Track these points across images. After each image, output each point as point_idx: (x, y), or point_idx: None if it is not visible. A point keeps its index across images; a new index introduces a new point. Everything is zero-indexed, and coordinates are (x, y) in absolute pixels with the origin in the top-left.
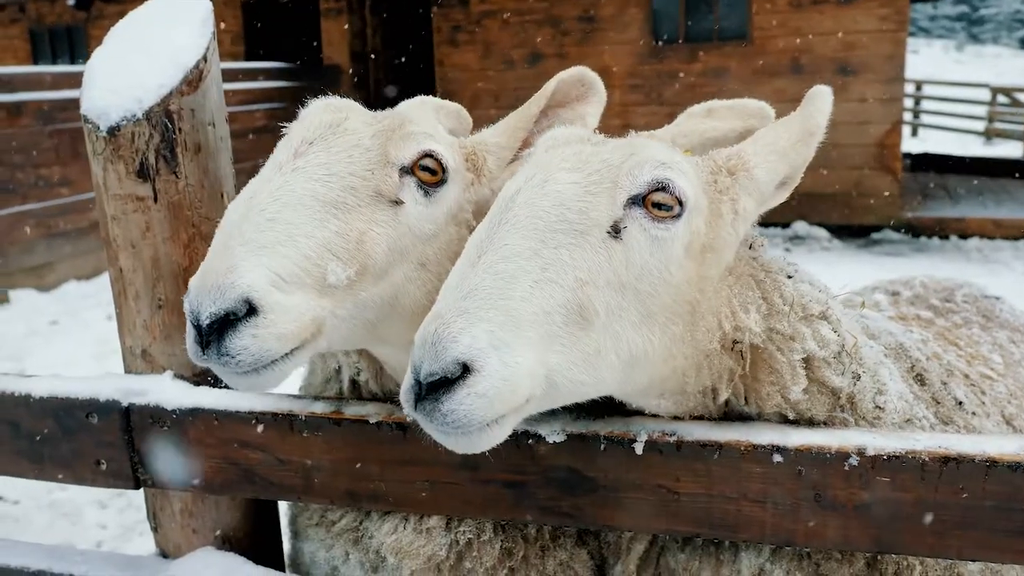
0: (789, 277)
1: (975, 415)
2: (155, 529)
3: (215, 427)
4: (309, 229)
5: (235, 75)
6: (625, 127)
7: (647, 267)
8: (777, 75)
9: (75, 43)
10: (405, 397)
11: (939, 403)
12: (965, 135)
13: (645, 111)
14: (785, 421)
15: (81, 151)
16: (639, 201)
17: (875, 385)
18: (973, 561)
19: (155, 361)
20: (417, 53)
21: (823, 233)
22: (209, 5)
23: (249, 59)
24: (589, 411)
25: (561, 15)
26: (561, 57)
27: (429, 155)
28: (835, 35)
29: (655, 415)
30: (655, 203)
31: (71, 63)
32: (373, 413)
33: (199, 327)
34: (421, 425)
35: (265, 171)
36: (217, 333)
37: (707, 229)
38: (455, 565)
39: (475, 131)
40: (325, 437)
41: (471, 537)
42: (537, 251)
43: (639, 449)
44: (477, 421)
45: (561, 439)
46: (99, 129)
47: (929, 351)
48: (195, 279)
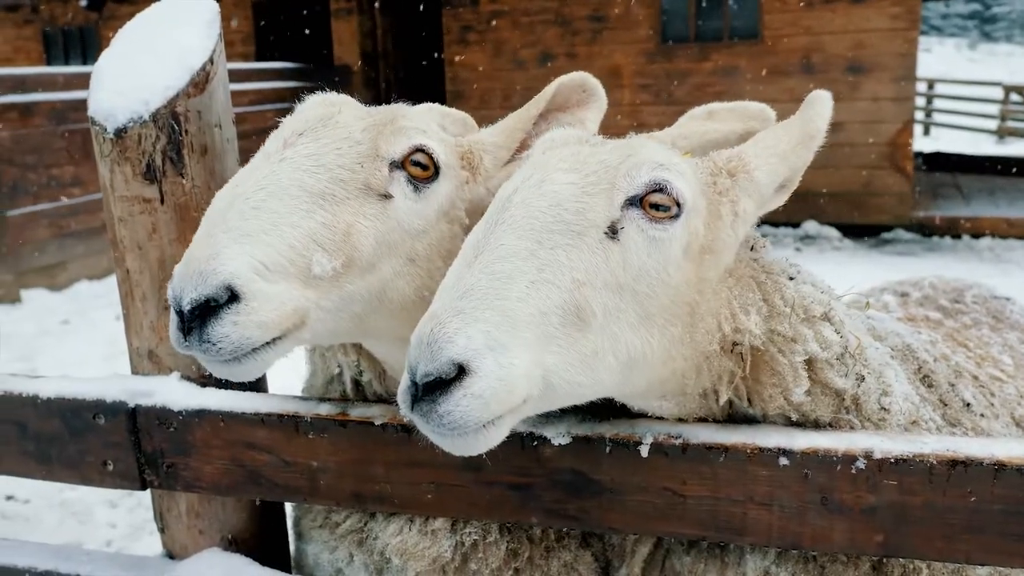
0: (791, 279)
1: (983, 417)
2: (162, 530)
3: (221, 428)
4: (295, 219)
5: (246, 75)
6: (635, 127)
7: (645, 268)
8: (788, 74)
9: (87, 44)
10: (402, 398)
11: (946, 405)
12: (977, 134)
13: (655, 111)
14: (790, 423)
15: (92, 151)
16: (637, 202)
17: (880, 386)
18: (982, 565)
19: (162, 362)
20: (427, 53)
21: (834, 233)
22: (216, 7)
23: (260, 59)
24: (594, 413)
25: (571, 15)
26: (571, 57)
27: (420, 150)
28: (846, 34)
29: (660, 417)
30: (653, 204)
31: (83, 64)
32: (378, 415)
33: (181, 313)
34: (418, 426)
35: (254, 161)
36: (200, 320)
37: (706, 230)
38: (460, 567)
39: None
40: (331, 439)
41: (476, 539)
42: (534, 252)
43: (645, 452)
44: (473, 422)
45: (566, 441)
46: (106, 131)
47: (937, 352)
48: (179, 266)
